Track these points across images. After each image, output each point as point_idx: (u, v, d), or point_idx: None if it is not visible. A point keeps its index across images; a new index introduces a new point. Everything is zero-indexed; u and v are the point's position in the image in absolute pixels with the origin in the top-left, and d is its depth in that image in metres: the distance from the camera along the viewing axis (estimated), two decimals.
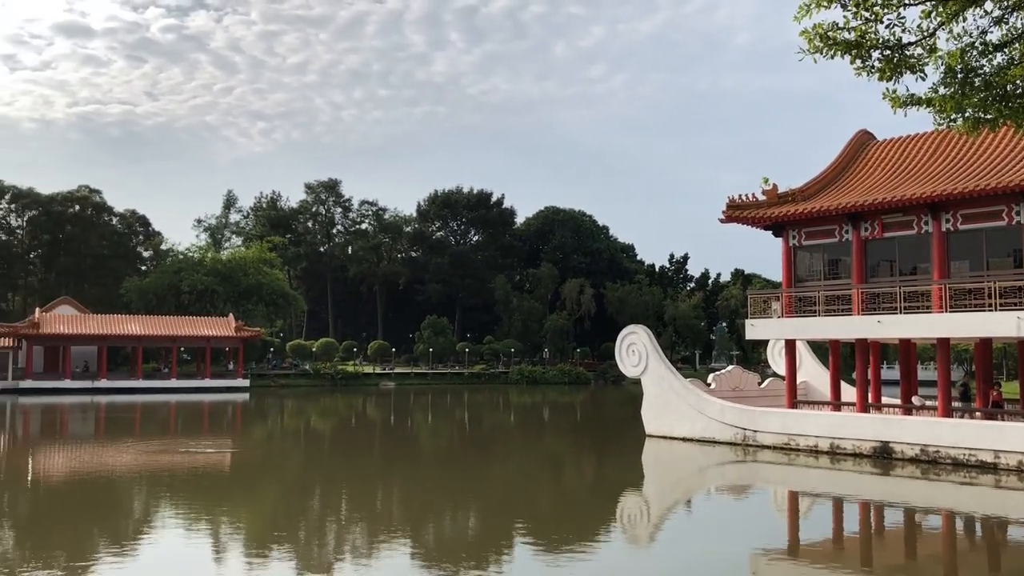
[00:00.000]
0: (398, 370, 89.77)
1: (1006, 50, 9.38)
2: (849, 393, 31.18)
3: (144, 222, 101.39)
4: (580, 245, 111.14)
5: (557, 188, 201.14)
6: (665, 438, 31.82)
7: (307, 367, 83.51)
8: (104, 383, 68.04)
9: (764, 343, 41.83)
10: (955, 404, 27.46)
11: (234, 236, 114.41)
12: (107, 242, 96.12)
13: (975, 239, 26.01)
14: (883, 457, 25.85)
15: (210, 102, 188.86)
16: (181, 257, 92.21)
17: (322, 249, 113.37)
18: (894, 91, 9.73)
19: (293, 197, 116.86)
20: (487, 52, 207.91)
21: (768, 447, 28.62)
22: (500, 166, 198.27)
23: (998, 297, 24.52)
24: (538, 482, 23.80)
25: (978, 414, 26.86)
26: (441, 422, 45.98)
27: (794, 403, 30.49)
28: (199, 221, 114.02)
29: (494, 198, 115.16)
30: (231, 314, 76.88)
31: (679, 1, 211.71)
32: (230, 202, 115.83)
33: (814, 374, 35.26)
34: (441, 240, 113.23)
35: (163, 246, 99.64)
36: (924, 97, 9.68)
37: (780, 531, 17.34)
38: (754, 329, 31.07)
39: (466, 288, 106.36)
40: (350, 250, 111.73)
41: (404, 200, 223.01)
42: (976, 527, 17.75)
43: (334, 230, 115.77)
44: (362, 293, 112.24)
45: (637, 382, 34.12)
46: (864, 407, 28.39)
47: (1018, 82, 9.26)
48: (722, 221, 31.23)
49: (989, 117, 9.59)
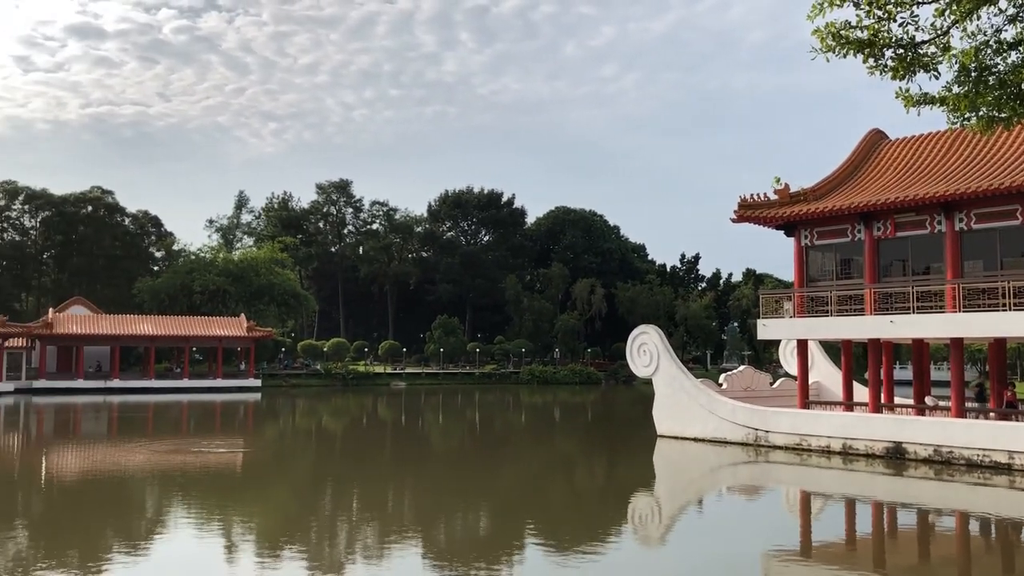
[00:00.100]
0: (409, 370, 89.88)
1: (1021, 48, 9.33)
2: (862, 393, 31.07)
3: (156, 223, 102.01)
4: (591, 245, 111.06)
5: (568, 188, 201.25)
6: (676, 438, 31.75)
7: (318, 367, 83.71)
8: (117, 383, 68.38)
9: (776, 343, 41.69)
10: (970, 404, 27.31)
11: (246, 236, 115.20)
12: (119, 242, 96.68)
13: (989, 238, 25.86)
14: (896, 458, 25.72)
15: (222, 103, 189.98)
16: (193, 257, 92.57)
17: (333, 249, 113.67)
18: (907, 90, 9.69)
19: (304, 197, 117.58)
20: (498, 52, 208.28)
21: (780, 447, 28.53)
22: (511, 166, 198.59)
23: (1012, 297, 24.37)
24: (549, 482, 23.77)
25: (992, 414, 26.72)
26: (452, 422, 46.02)
27: (806, 403, 30.38)
28: (211, 221, 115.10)
29: (505, 198, 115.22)
30: (243, 314, 77.13)
31: (691, 0, 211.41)
32: (242, 202, 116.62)
33: (826, 374, 35.12)
34: (452, 240, 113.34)
35: (175, 246, 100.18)
36: (937, 96, 9.64)
37: (792, 532, 17.27)
38: (766, 329, 30.98)
39: (477, 288, 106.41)
40: (361, 250, 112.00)
41: (415, 200, 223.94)
42: (991, 528, 17.63)
43: (345, 230, 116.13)
44: (373, 293, 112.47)
45: (648, 382, 34.06)
46: (877, 407, 28.27)
47: None
48: (734, 221, 31.18)
49: (1003, 116, 9.54)
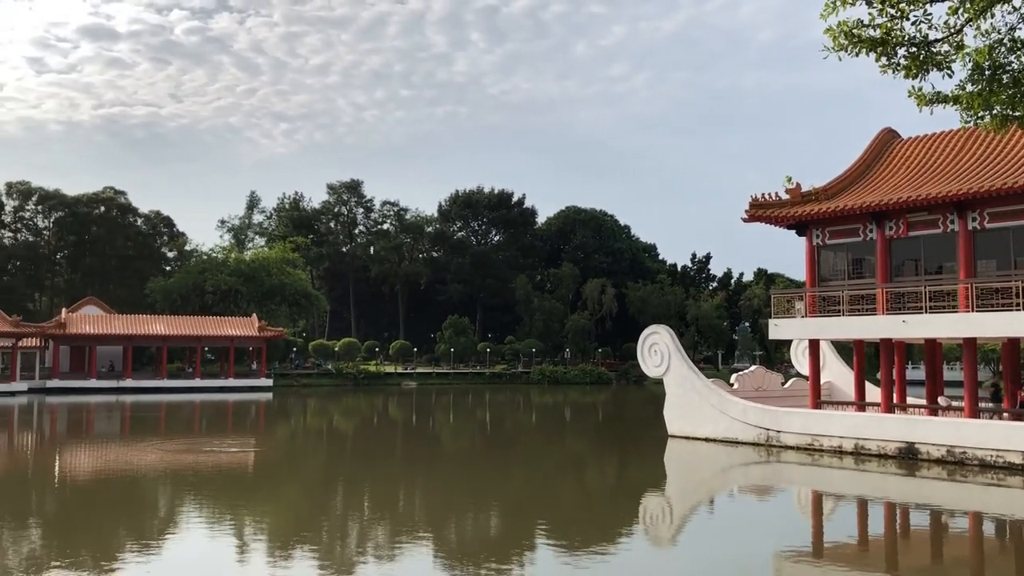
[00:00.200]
0: (419, 370, 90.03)
1: None
2: (874, 394, 30.93)
3: (168, 223, 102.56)
4: (601, 245, 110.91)
5: (578, 188, 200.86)
6: (687, 438, 31.69)
7: (329, 367, 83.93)
8: (129, 383, 68.72)
9: (787, 343, 41.57)
10: (985, 405, 27.15)
11: (257, 237, 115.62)
12: (132, 243, 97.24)
13: (1002, 238, 25.70)
14: (908, 458, 25.60)
15: (233, 103, 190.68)
16: (205, 258, 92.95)
17: (344, 249, 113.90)
18: (920, 89, 9.65)
19: (315, 198, 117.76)
20: (508, 52, 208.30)
21: (791, 448, 28.44)
22: (521, 166, 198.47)
23: None
24: (560, 482, 23.77)
25: (1006, 415, 26.56)
26: (463, 422, 46.06)
27: (818, 403, 30.28)
28: (223, 222, 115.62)
29: (515, 198, 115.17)
30: (254, 314, 77.41)
31: None
32: (253, 203, 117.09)
33: (838, 374, 34.98)
34: (462, 240, 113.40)
35: (187, 247, 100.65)
36: (951, 95, 9.59)
37: (804, 532, 17.21)
38: (777, 329, 30.88)
39: (487, 288, 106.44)
40: (372, 250, 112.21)
41: (425, 200, 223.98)
42: (1005, 530, 17.52)
43: (356, 230, 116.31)
44: (384, 293, 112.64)
45: (659, 382, 34.02)
46: (889, 407, 28.15)
47: None
48: (745, 220, 31.11)
49: (1017, 114, 9.49)
